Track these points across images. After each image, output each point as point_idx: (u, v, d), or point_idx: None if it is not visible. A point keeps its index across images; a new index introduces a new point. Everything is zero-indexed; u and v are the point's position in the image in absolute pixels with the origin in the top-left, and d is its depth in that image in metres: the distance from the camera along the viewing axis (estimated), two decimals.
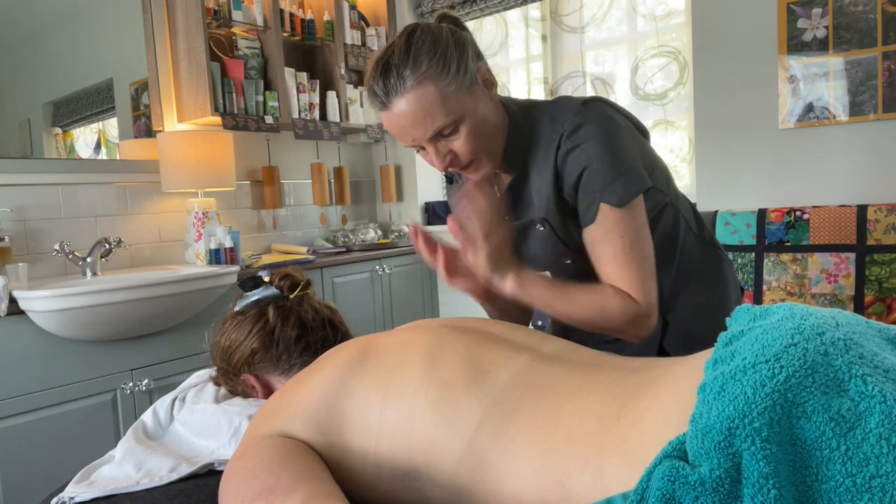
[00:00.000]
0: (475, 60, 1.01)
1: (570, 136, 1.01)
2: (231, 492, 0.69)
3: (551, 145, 1.03)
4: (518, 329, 0.84)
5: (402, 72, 0.95)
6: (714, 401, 0.50)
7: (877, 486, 0.44)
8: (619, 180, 0.98)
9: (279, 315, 1.03)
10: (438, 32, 0.98)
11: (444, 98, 0.96)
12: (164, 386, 2.13)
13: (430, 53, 0.96)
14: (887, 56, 2.19)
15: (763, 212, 2.29)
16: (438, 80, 0.96)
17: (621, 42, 2.97)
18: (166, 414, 1.04)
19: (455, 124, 0.99)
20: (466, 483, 0.65)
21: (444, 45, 0.97)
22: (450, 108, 0.97)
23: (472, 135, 1.00)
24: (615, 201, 0.98)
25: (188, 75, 2.62)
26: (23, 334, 1.85)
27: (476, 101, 1.00)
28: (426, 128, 0.98)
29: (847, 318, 0.57)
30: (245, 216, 2.97)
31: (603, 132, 1.00)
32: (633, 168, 1.00)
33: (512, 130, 1.08)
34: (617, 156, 1.00)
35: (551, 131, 1.04)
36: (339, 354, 0.79)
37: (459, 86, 0.97)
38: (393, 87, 0.96)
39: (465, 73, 0.98)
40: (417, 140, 1.00)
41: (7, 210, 2.16)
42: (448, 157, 1.02)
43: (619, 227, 1.00)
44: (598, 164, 0.99)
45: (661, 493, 0.47)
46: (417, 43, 0.96)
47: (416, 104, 0.96)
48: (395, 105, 0.97)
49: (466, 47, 1.00)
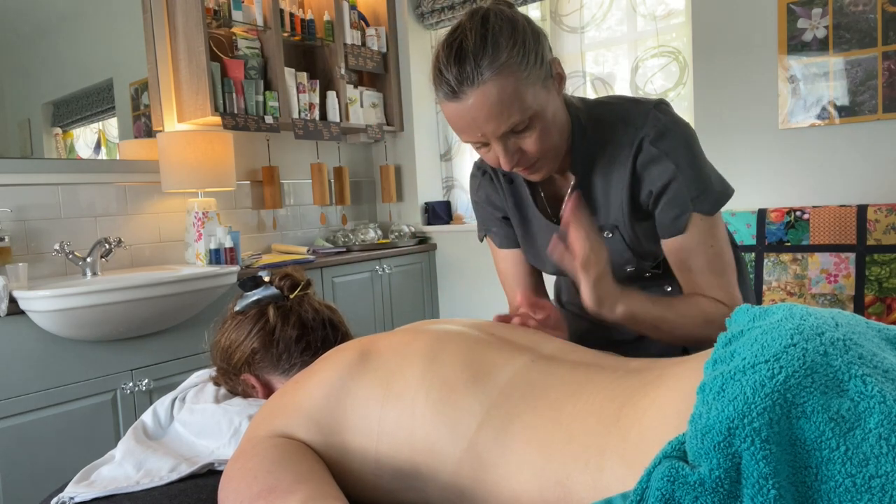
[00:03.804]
0: (550, 52, 0.94)
1: (654, 143, 0.96)
2: (231, 492, 0.69)
3: (628, 149, 0.98)
4: (518, 329, 0.84)
5: (480, 60, 0.86)
6: (713, 401, 0.50)
7: (876, 487, 0.44)
8: (709, 189, 0.98)
9: (279, 315, 1.03)
10: (515, 19, 0.90)
11: (522, 93, 0.88)
12: (164, 386, 2.13)
13: (511, 42, 0.87)
14: (887, 56, 2.19)
15: (763, 212, 2.29)
16: (518, 73, 0.87)
17: (621, 42, 2.97)
18: (166, 414, 1.04)
19: (529, 121, 0.91)
20: (467, 483, 0.65)
21: (523, 33, 0.89)
22: (526, 104, 0.89)
23: (544, 133, 0.93)
24: (709, 210, 0.98)
25: (188, 75, 2.62)
26: (23, 334, 1.85)
27: (550, 96, 0.94)
28: (500, 124, 0.89)
29: (847, 318, 0.57)
30: (245, 216, 2.97)
31: (688, 141, 0.97)
32: (718, 177, 1.01)
33: (577, 130, 1.01)
34: (704, 165, 0.99)
35: (625, 134, 0.99)
36: (339, 355, 0.79)
37: (536, 79, 0.90)
38: (468, 76, 0.86)
39: (541, 65, 0.91)
40: (487, 136, 0.91)
41: (7, 210, 2.16)
42: (517, 156, 0.94)
43: (709, 235, 0.99)
44: (689, 173, 0.96)
45: (660, 494, 0.47)
46: (495, 29, 0.87)
47: (492, 98, 0.86)
48: (468, 96, 0.87)
49: (541, 37, 0.93)
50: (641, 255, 1.06)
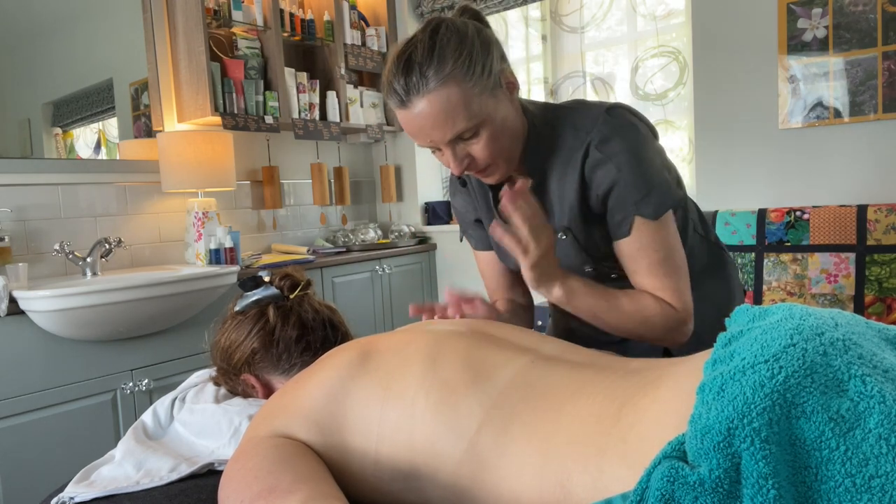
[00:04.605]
0: (500, 62, 0.97)
1: (598, 147, 0.98)
2: (231, 492, 0.69)
3: (576, 153, 1.01)
4: (518, 330, 0.84)
5: (426, 71, 0.90)
6: (713, 401, 0.50)
7: (876, 487, 0.44)
8: (653, 193, 0.98)
9: (279, 315, 1.03)
10: (464, 30, 0.94)
11: (468, 101, 0.92)
12: (164, 386, 2.13)
13: (456, 53, 0.91)
14: (887, 56, 2.19)
15: (763, 212, 2.29)
16: (463, 83, 0.91)
17: (621, 42, 2.97)
18: (166, 414, 1.04)
19: (476, 128, 0.95)
20: (467, 484, 0.65)
21: (470, 44, 0.92)
22: (472, 112, 0.93)
23: (493, 139, 0.96)
24: (651, 214, 0.98)
25: (188, 75, 2.62)
26: (23, 334, 1.85)
27: (498, 104, 0.97)
28: (446, 131, 0.93)
29: (846, 318, 0.57)
30: (245, 216, 2.97)
31: (633, 145, 0.98)
32: (664, 180, 1.00)
33: (532, 135, 1.05)
34: (648, 169, 0.99)
35: (575, 139, 1.01)
36: (339, 355, 0.79)
37: (483, 88, 0.93)
38: (415, 85, 0.91)
39: (489, 75, 0.94)
40: (436, 142, 0.96)
41: (7, 210, 2.16)
42: (466, 161, 0.98)
43: (654, 240, 0.99)
44: (630, 178, 0.97)
45: (660, 494, 0.47)
46: (443, 40, 0.91)
47: (437, 106, 0.91)
48: (416, 105, 0.92)
49: (492, 47, 0.96)
50: (597, 256, 1.08)
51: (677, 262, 1.01)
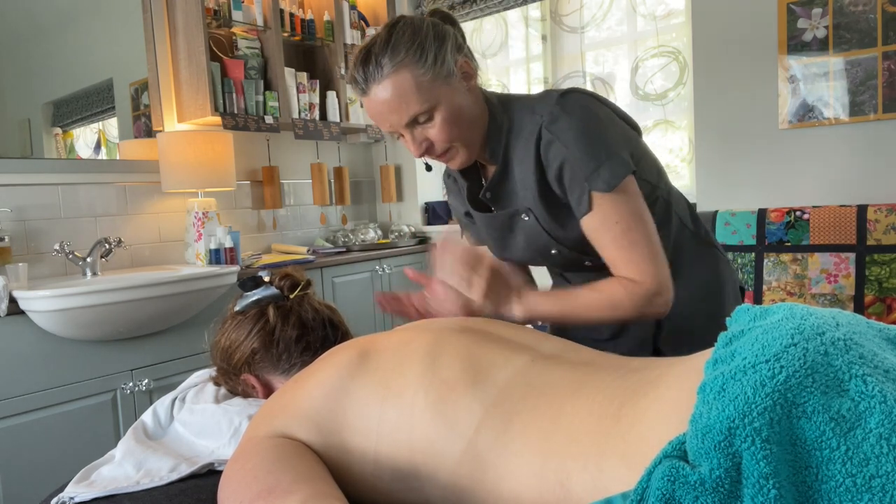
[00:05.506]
0: (454, 52, 1.04)
1: (548, 127, 1.03)
2: (230, 492, 0.69)
3: (532, 136, 1.06)
4: (518, 329, 0.84)
5: (381, 60, 0.99)
6: (714, 401, 0.50)
7: (877, 486, 0.44)
8: (604, 165, 0.99)
9: (279, 315, 1.03)
10: (420, 24, 1.02)
11: (419, 86, 1.00)
12: (164, 386, 2.13)
13: (409, 43, 1.00)
14: (887, 56, 2.19)
15: (763, 212, 2.29)
16: (414, 69, 0.99)
17: (621, 42, 2.97)
18: (166, 414, 1.04)
19: (430, 112, 1.02)
20: (466, 483, 0.65)
21: (423, 36, 1.01)
22: (424, 96, 1.00)
23: (448, 123, 1.03)
24: (603, 187, 0.99)
25: (188, 75, 2.62)
26: (23, 334, 1.85)
27: (452, 91, 1.03)
28: (401, 114, 1.01)
29: (847, 318, 0.57)
30: (245, 216, 2.97)
31: (579, 123, 1.02)
32: (615, 154, 1.01)
33: (492, 122, 1.10)
34: (596, 143, 1.01)
35: (531, 122, 1.06)
36: (338, 355, 0.79)
37: (436, 75, 1.01)
38: (371, 74, 1.00)
39: (442, 63, 1.01)
40: (394, 126, 1.04)
41: (7, 210, 2.16)
42: (424, 144, 1.06)
43: (614, 212, 1.01)
44: (578, 154, 1.00)
45: (660, 493, 0.47)
46: (398, 34, 1.00)
47: (391, 91, 1.00)
48: (374, 91, 1.01)
49: (446, 39, 1.03)
50: (560, 239, 1.10)
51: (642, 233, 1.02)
